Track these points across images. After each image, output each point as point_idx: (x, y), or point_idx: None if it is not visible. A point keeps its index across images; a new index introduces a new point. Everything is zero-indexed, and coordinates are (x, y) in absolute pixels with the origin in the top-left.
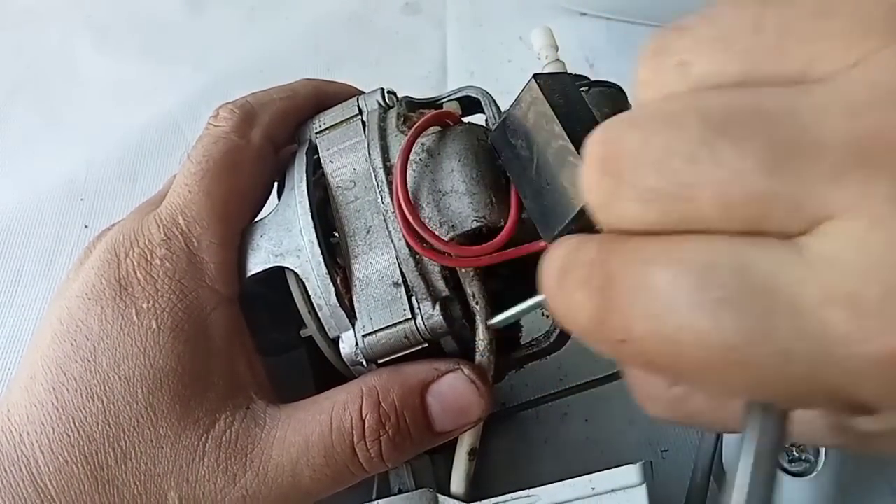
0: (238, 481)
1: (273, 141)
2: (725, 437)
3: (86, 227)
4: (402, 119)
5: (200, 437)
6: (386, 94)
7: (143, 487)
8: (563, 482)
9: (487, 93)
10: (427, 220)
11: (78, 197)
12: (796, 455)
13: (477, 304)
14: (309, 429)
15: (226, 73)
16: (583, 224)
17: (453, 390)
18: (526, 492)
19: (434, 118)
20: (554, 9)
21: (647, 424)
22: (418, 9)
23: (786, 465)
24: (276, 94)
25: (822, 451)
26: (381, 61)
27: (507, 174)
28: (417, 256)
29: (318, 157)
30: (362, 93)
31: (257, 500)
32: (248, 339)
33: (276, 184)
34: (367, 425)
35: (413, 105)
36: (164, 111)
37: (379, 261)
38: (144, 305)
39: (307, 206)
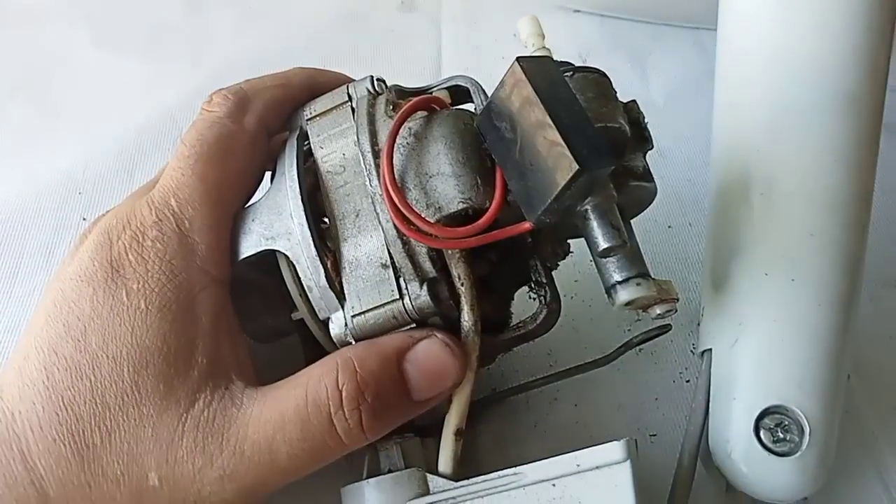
0: (215, 461)
1: (266, 127)
2: (711, 421)
3: (84, 219)
4: (391, 106)
5: (180, 416)
6: (375, 82)
7: (125, 467)
8: (549, 460)
9: (476, 82)
10: (414, 203)
11: (76, 190)
12: (781, 435)
13: (462, 285)
14: (285, 404)
15: (222, 69)
16: (564, 203)
17: (429, 355)
18: (512, 470)
19: (421, 102)
20: (548, 5)
21: (636, 409)
22: (413, 6)
23: (770, 444)
24: (269, 81)
25: (807, 430)
26: (376, 58)
27: (493, 157)
28: (405, 238)
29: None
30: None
31: (234, 479)
32: (234, 322)
33: (268, 172)
34: (344, 395)
35: (402, 93)
36: (162, 107)
37: (367, 243)
38: (134, 286)
39: (297, 189)
